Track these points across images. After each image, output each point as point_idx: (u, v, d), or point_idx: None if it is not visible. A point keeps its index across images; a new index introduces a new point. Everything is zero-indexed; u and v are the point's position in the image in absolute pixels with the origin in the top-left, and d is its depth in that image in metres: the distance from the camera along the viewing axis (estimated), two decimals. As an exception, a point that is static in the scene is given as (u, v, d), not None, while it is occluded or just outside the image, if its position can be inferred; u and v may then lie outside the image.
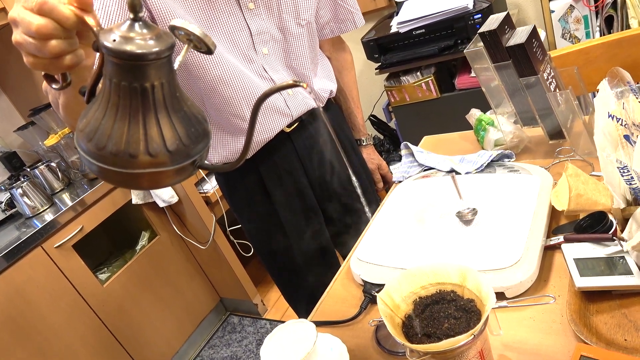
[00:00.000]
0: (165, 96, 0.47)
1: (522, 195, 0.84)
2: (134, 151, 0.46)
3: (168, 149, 0.47)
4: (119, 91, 0.45)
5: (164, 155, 0.47)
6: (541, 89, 0.94)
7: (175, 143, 0.47)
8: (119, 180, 0.49)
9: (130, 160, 0.46)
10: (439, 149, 1.15)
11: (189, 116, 0.50)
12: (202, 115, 0.51)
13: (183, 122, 0.48)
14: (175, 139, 0.47)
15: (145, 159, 0.46)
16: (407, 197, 0.99)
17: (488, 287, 0.53)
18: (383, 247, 0.86)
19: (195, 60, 0.93)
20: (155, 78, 0.45)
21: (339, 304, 0.85)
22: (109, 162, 0.47)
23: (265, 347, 0.69)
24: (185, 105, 0.50)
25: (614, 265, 0.66)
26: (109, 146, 0.46)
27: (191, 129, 0.49)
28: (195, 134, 0.49)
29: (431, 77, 2.11)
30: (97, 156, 0.47)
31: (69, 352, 1.70)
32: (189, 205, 1.96)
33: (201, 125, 0.51)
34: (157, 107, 0.46)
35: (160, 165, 0.47)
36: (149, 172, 0.47)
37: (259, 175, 1.12)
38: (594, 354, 0.56)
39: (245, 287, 2.17)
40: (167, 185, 0.51)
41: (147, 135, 0.46)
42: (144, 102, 0.46)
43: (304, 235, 1.19)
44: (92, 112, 0.48)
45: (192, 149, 0.49)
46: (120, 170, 0.47)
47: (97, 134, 0.46)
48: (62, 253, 1.70)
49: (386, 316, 0.54)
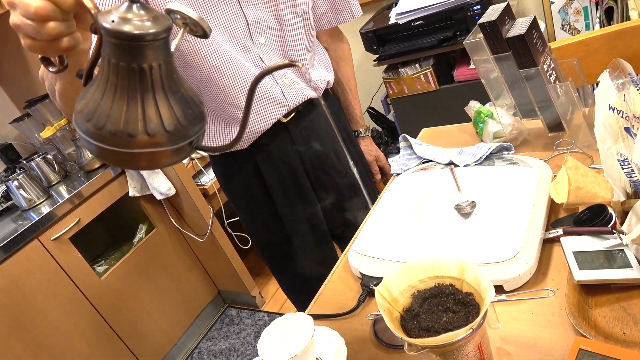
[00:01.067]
0: (163, 77, 0.47)
1: (521, 188, 0.84)
2: (132, 131, 0.46)
3: (166, 129, 0.47)
4: (117, 72, 0.46)
5: (162, 135, 0.47)
6: (541, 81, 0.93)
7: (173, 123, 0.48)
8: (117, 160, 0.49)
9: (128, 140, 0.46)
10: (438, 141, 1.14)
11: (186, 98, 0.50)
12: (198, 98, 0.52)
13: (180, 103, 0.49)
14: (173, 119, 0.48)
15: (143, 138, 0.47)
16: (406, 189, 0.98)
17: (487, 281, 0.52)
18: (381, 240, 0.86)
19: (192, 49, 0.92)
20: (153, 59, 0.46)
21: (336, 296, 0.85)
22: (108, 142, 0.47)
23: (262, 341, 0.69)
24: (182, 87, 0.50)
25: (613, 259, 0.65)
26: (107, 126, 0.46)
27: (188, 110, 0.49)
28: (192, 115, 0.50)
29: (430, 69, 2.09)
30: (95, 136, 0.47)
31: (67, 345, 1.70)
32: (187, 197, 1.95)
33: (198, 107, 0.51)
34: (155, 88, 0.47)
35: (158, 145, 0.47)
36: (147, 152, 0.48)
37: (256, 165, 1.12)
38: (593, 348, 0.55)
39: (243, 279, 2.17)
40: (165, 165, 0.52)
41: (145, 115, 0.46)
42: (142, 83, 0.46)
43: (301, 227, 1.19)
44: (90, 93, 0.48)
45: (189, 130, 0.49)
46: (118, 149, 0.47)
47: (96, 114, 0.47)
48: (59, 246, 1.70)
49: (384, 310, 0.54)
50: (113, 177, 1.87)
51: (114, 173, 1.87)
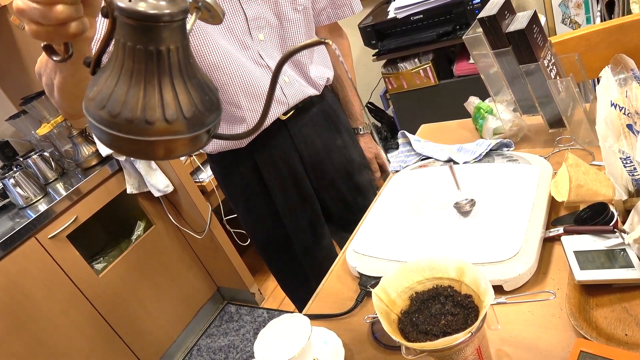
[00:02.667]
0: (181, 61, 0.46)
1: (521, 185, 0.83)
2: (150, 117, 0.44)
3: (185, 115, 0.45)
4: (133, 55, 0.44)
5: (180, 122, 0.45)
6: (541, 76, 0.92)
7: (192, 110, 0.46)
8: (133, 150, 0.47)
9: (146, 127, 0.45)
10: (437, 138, 1.13)
11: (202, 84, 0.48)
12: (213, 85, 0.50)
13: (197, 89, 0.47)
14: (192, 105, 0.46)
15: (161, 125, 0.45)
16: (404, 187, 0.97)
17: (486, 283, 0.51)
18: (379, 239, 0.85)
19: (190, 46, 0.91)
20: (170, 41, 0.44)
21: (334, 296, 0.84)
22: (124, 130, 0.45)
23: (259, 342, 0.68)
24: (198, 72, 0.48)
25: (615, 258, 0.64)
26: (123, 113, 0.44)
27: (205, 96, 0.48)
28: (209, 101, 0.48)
29: (429, 64, 2.07)
30: (110, 124, 0.45)
31: (66, 343, 1.70)
32: (185, 194, 1.94)
33: (214, 94, 0.49)
34: (173, 73, 0.45)
35: (176, 133, 0.46)
36: (165, 140, 0.46)
37: (255, 163, 1.10)
38: (594, 350, 0.54)
39: (242, 276, 2.16)
40: (181, 154, 0.50)
41: (163, 101, 0.45)
42: (160, 67, 0.44)
43: (300, 225, 1.17)
44: (103, 79, 0.46)
45: (207, 117, 0.48)
46: (135, 137, 0.45)
47: (111, 101, 0.45)
48: (57, 244, 1.69)
49: (381, 312, 0.53)
50: (110, 174, 1.86)
51: (111, 170, 1.86)
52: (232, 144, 1.06)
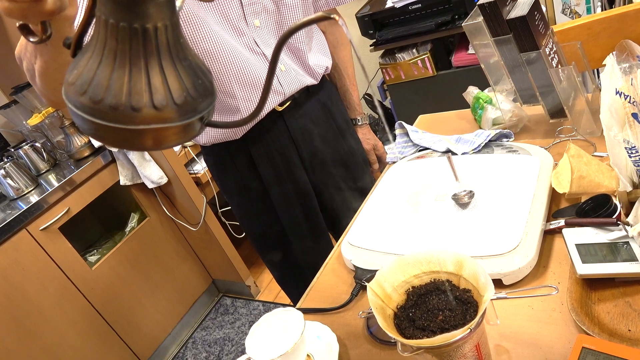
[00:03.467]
0: (170, 41, 0.41)
1: (521, 176, 0.80)
2: (136, 103, 0.40)
3: (175, 101, 0.41)
4: (117, 34, 0.40)
5: (170, 108, 0.41)
6: (542, 65, 0.89)
7: (183, 95, 0.42)
8: (118, 139, 0.43)
9: (132, 115, 0.41)
10: (435, 128, 1.11)
11: (194, 67, 0.44)
12: (206, 67, 0.46)
13: (189, 72, 0.43)
14: (183, 90, 0.42)
15: (149, 112, 0.41)
16: (401, 178, 0.95)
17: (486, 277, 0.49)
18: (375, 232, 0.83)
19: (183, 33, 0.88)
20: (157, 18, 0.40)
21: (329, 290, 0.82)
22: (108, 118, 0.41)
23: (250, 337, 0.66)
24: (189, 54, 0.44)
25: (618, 251, 0.62)
26: (107, 98, 0.40)
27: (198, 80, 0.44)
28: (202, 86, 0.44)
29: (427, 54, 2.05)
30: (92, 111, 0.41)
31: (59, 336, 1.68)
32: (179, 186, 1.91)
33: (207, 77, 0.45)
34: (161, 53, 0.41)
35: (166, 121, 0.42)
36: (154, 129, 0.42)
37: (250, 156, 1.08)
38: (596, 346, 0.53)
39: (238, 268, 2.14)
40: (171, 144, 0.45)
41: (151, 86, 0.41)
42: (146, 46, 0.40)
43: (296, 218, 1.15)
44: (84, 62, 0.42)
45: (199, 103, 0.44)
46: (120, 126, 0.41)
47: (92, 85, 0.41)
48: (48, 235, 1.66)
49: (376, 307, 0.51)
50: (103, 165, 1.83)
51: (104, 161, 1.83)
52: (226, 136, 1.03)
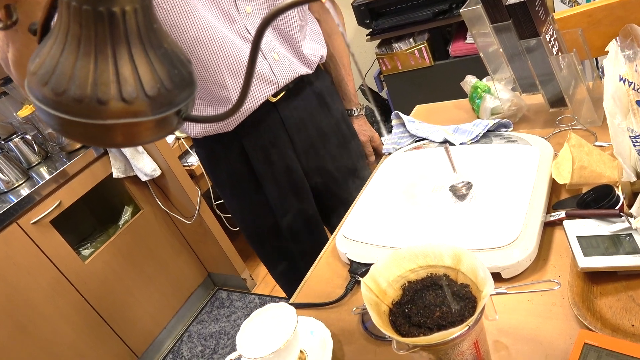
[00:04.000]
0: (140, 26, 0.38)
1: (520, 167, 0.78)
2: (103, 96, 0.37)
3: (147, 93, 0.38)
4: (80, 18, 0.36)
5: (141, 101, 0.38)
6: (543, 52, 0.87)
7: (156, 87, 0.38)
8: (85, 135, 0.40)
9: (98, 108, 0.37)
10: (432, 119, 1.08)
11: (171, 55, 0.41)
12: (185, 56, 0.42)
13: (164, 61, 0.39)
14: (155, 81, 0.38)
15: (118, 105, 0.37)
16: (397, 170, 0.92)
17: (485, 271, 0.47)
18: (371, 224, 0.80)
19: (170, 19, 0.85)
20: (126, 1, 0.37)
21: (323, 284, 0.80)
22: (72, 111, 0.37)
23: (241, 334, 0.64)
24: (165, 41, 0.40)
25: (621, 244, 0.60)
26: (70, 90, 0.37)
27: (174, 70, 0.40)
28: (179, 76, 0.40)
29: (424, 44, 2.02)
30: (55, 104, 0.38)
31: (52, 330, 1.66)
32: (173, 179, 1.89)
33: (186, 67, 0.42)
34: (131, 40, 0.37)
35: (137, 115, 0.38)
36: (124, 124, 0.38)
37: (242, 149, 1.05)
38: (599, 342, 0.51)
39: (233, 261, 2.12)
40: (147, 141, 0.42)
41: (119, 76, 0.37)
42: (113, 33, 0.37)
43: (291, 212, 1.13)
44: (46, 49, 0.38)
45: (176, 95, 0.40)
46: (85, 121, 0.38)
47: (55, 76, 0.37)
48: (40, 229, 1.64)
49: (371, 303, 0.49)
50: (95, 157, 1.80)
51: (96, 153, 1.80)
52: (218, 128, 1.00)
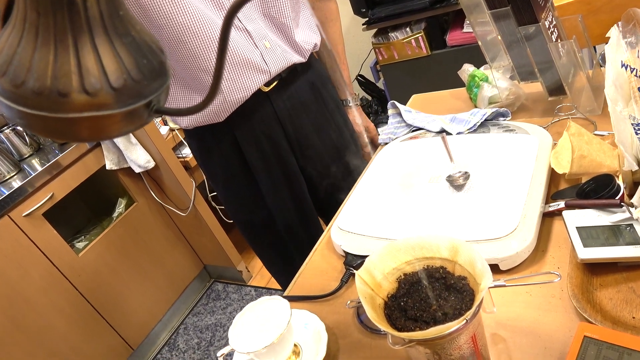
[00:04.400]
0: (104, 14, 0.36)
1: (518, 157, 0.77)
2: (64, 88, 0.35)
3: (112, 85, 0.36)
4: (37, 5, 0.34)
5: (106, 93, 0.36)
6: (542, 39, 0.85)
7: (122, 78, 0.36)
8: (48, 129, 0.38)
9: (59, 101, 0.35)
10: (429, 108, 1.06)
11: (140, 44, 0.38)
12: (157, 45, 0.40)
13: (131, 50, 0.37)
14: (122, 72, 0.36)
15: (80, 98, 0.35)
16: (393, 160, 0.91)
17: (483, 263, 0.45)
18: (366, 216, 0.79)
19: (157, 5, 0.82)
20: None
21: (318, 276, 0.78)
22: (31, 104, 0.35)
23: (234, 328, 0.63)
24: (132, 29, 0.38)
25: (621, 234, 0.59)
26: (29, 82, 0.35)
27: (143, 60, 0.38)
28: (148, 67, 0.38)
29: (421, 33, 1.99)
30: (14, 96, 0.36)
31: (45, 323, 1.64)
32: (167, 170, 1.87)
33: (157, 56, 0.40)
34: (93, 29, 0.35)
35: (102, 108, 0.36)
36: (88, 117, 0.36)
37: (235, 140, 1.03)
38: (599, 335, 0.49)
39: (229, 254, 2.11)
40: (115, 135, 0.40)
41: (81, 67, 0.35)
42: (74, 21, 0.34)
43: (285, 204, 1.11)
44: (4, 38, 0.37)
45: (145, 87, 0.38)
46: (46, 114, 0.36)
47: (13, 67, 0.35)
48: (32, 222, 1.61)
49: (365, 297, 0.47)
50: (88, 149, 1.77)
51: (89, 145, 1.77)
52: (209, 118, 0.98)
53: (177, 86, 0.96)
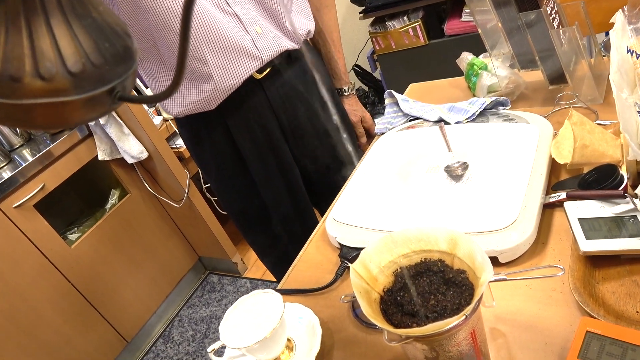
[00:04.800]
0: None
1: (518, 146, 0.75)
2: (16, 72, 0.33)
3: (69, 69, 0.34)
4: None
5: (62, 78, 0.33)
6: (543, 26, 0.82)
7: (80, 62, 0.34)
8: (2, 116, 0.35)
9: (12, 86, 0.33)
10: (427, 97, 1.04)
11: (101, 26, 0.36)
12: (122, 28, 0.38)
13: (91, 33, 0.35)
14: (80, 56, 0.34)
15: (34, 83, 0.33)
16: (390, 150, 0.89)
17: (483, 256, 0.43)
18: (362, 207, 0.77)
19: (145, -10, 0.80)
20: None
21: (312, 269, 0.76)
22: None
23: (225, 323, 0.61)
24: (94, 10, 0.36)
25: (624, 226, 0.57)
26: None
27: (104, 43, 0.36)
28: (111, 51, 0.36)
29: (419, 22, 1.96)
30: None
31: (37, 316, 1.62)
32: (160, 161, 1.84)
33: (121, 40, 0.37)
34: (48, 9, 0.33)
35: (59, 94, 0.34)
36: (44, 104, 0.34)
37: (227, 128, 1.00)
38: (602, 330, 0.48)
39: (224, 245, 2.09)
40: (77, 123, 0.38)
41: (34, 50, 0.33)
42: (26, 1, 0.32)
43: (279, 194, 1.09)
44: None
45: (106, 72, 0.36)
46: None
47: None
48: (23, 213, 1.59)
49: (360, 291, 0.45)
50: (80, 139, 1.74)
51: (80, 135, 1.74)
52: (200, 106, 0.96)
53: (167, 73, 0.93)
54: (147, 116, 1.78)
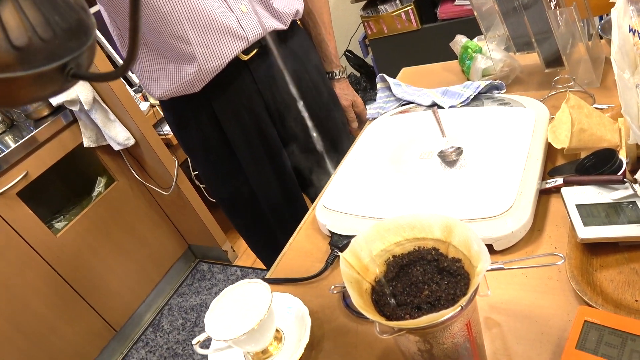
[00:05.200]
0: None
1: (514, 131, 0.73)
2: None
3: (13, 43, 0.31)
4: None
5: (6, 52, 0.31)
6: (540, 7, 0.80)
7: (26, 35, 0.32)
8: None
9: None
10: (419, 81, 1.01)
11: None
12: (76, 1, 0.35)
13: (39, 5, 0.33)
14: (25, 29, 0.32)
15: None
16: (382, 135, 0.86)
17: (479, 244, 0.41)
18: (353, 193, 0.74)
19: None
20: None
21: (302, 258, 0.74)
22: None
23: (210, 314, 0.59)
24: None
25: (623, 212, 0.56)
26: None
27: (54, 16, 0.33)
28: (62, 24, 0.33)
29: (411, 6, 1.92)
30: None
31: (22, 305, 1.59)
32: (148, 148, 1.80)
33: (74, 13, 0.34)
34: None
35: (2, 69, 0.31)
36: None
37: (212, 111, 0.97)
38: (601, 319, 0.46)
39: (214, 233, 2.06)
40: (26, 101, 0.35)
41: None
42: None
43: (267, 180, 1.06)
44: None
45: (57, 46, 0.33)
46: None
47: None
48: (5, 202, 1.54)
49: (351, 281, 0.43)
50: (64, 125, 1.69)
51: (65, 121, 1.69)
52: (183, 89, 0.92)
53: (149, 54, 0.89)
54: (134, 102, 1.73)
